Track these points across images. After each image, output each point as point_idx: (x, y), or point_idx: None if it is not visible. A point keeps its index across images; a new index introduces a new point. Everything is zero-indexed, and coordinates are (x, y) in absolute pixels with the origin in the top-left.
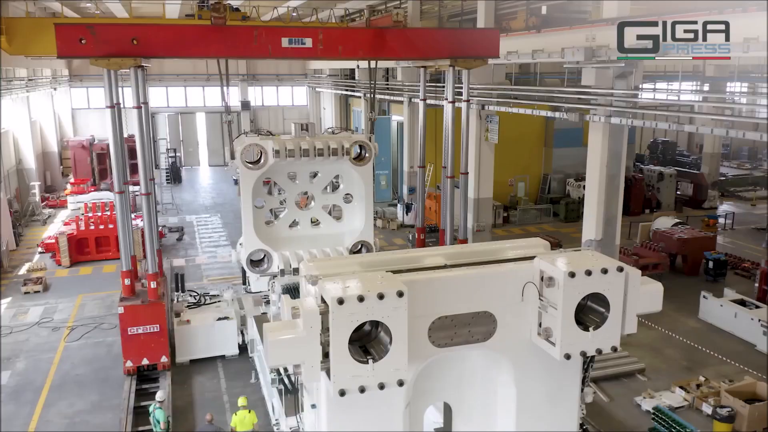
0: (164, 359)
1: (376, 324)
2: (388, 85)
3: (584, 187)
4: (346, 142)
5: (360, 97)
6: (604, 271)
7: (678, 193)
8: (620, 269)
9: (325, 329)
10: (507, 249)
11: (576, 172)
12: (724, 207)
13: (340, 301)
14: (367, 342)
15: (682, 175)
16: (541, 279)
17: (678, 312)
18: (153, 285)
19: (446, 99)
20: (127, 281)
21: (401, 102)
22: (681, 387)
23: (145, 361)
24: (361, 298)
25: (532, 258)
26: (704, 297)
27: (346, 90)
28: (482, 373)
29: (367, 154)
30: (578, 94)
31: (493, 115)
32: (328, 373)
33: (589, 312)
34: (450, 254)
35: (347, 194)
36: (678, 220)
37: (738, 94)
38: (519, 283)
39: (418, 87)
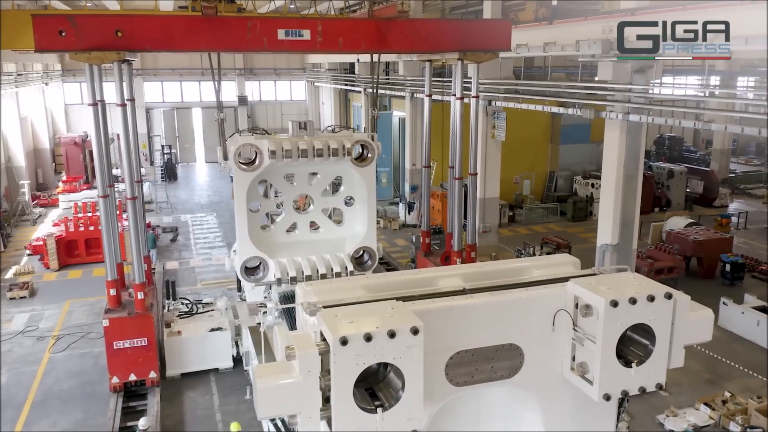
0: (153, 375)
1: (385, 362)
2: (389, 79)
3: (592, 185)
4: (347, 142)
5: (360, 92)
6: (651, 298)
7: (687, 190)
8: (668, 296)
9: (325, 371)
10: (532, 268)
11: (583, 170)
12: (735, 205)
13: (344, 341)
14: (374, 383)
15: (692, 172)
16: (576, 306)
17: None
18: (140, 296)
19: (454, 95)
20: (112, 291)
21: (403, 97)
22: (706, 404)
23: (132, 377)
24: (368, 338)
25: (562, 280)
26: (724, 303)
27: (346, 84)
28: (504, 410)
29: (369, 154)
30: (592, 89)
31: (500, 112)
32: (329, 423)
33: (629, 343)
34: (468, 275)
35: (348, 197)
36: (691, 220)
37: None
38: (550, 310)
39: (420, 81)
